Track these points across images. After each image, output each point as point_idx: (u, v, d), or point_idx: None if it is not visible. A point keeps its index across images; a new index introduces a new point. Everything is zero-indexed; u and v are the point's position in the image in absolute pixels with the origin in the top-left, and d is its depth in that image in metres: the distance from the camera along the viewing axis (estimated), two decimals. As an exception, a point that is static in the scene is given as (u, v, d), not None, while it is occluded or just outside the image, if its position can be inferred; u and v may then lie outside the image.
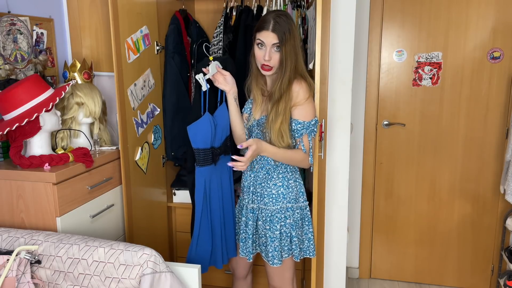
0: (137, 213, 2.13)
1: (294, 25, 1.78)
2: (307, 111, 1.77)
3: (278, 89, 1.77)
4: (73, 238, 1.56)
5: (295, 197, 1.86)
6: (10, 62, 1.96)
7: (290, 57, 1.74)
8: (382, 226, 3.01)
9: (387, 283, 3.05)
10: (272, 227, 1.83)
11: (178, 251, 2.61)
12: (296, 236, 1.84)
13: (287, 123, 1.76)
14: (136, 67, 2.05)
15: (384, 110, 2.88)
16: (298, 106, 1.76)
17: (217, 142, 1.92)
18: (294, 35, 1.74)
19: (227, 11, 2.34)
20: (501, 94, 2.68)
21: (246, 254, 1.92)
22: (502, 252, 2.70)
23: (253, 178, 1.90)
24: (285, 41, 1.72)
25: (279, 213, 1.83)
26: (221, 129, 1.93)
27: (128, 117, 2.00)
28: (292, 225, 1.84)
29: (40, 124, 1.78)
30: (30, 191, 1.75)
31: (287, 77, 1.75)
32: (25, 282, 1.45)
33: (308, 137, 1.79)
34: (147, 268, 1.43)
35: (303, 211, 1.88)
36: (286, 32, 1.72)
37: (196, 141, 1.87)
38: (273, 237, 1.82)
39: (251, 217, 1.89)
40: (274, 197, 1.84)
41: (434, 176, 2.86)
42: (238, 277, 2.12)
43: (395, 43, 2.80)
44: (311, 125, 1.78)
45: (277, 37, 1.72)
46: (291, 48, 1.74)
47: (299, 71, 1.78)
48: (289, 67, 1.75)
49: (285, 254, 1.86)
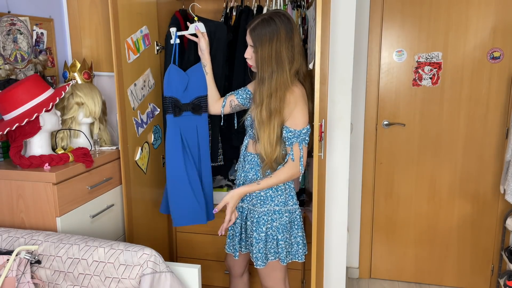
0: (137, 213, 2.13)
1: (288, 29, 1.71)
2: (298, 119, 1.74)
3: (259, 94, 1.74)
4: (73, 238, 1.56)
5: (284, 200, 1.84)
6: (10, 62, 1.96)
7: (268, 62, 1.70)
8: (382, 226, 3.01)
9: (387, 283, 3.05)
10: (258, 229, 1.82)
11: (178, 251, 2.61)
12: (282, 240, 1.82)
13: (275, 133, 1.73)
14: (136, 67, 2.05)
15: (384, 110, 2.88)
16: (290, 116, 1.74)
17: (186, 97, 2.01)
18: (280, 40, 1.69)
19: (227, 11, 2.34)
20: (501, 94, 2.68)
21: (232, 251, 1.96)
22: (502, 252, 2.70)
23: (243, 177, 1.91)
24: (260, 45, 1.70)
25: (266, 215, 1.82)
26: (193, 86, 2.01)
27: (128, 117, 2.00)
28: (279, 228, 1.82)
29: (40, 124, 1.78)
30: (30, 191, 1.75)
31: (267, 85, 1.71)
32: (25, 282, 1.45)
33: (299, 146, 1.75)
34: (147, 268, 1.43)
35: (292, 215, 1.86)
36: (265, 37, 1.69)
37: (163, 90, 2.05)
38: (258, 239, 1.82)
39: (240, 216, 1.91)
40: (262, 199, 1.83)
41: (434, 176, 2.86)
42: (235, 276, 2.13)
43: (395, 43, 2.80)
44: (302, 133, 1.74)
45: (251, 38, 1.73)
46: (270, 54, 1.69)
47: (286, 81, 1.71)
48: (266, 72, 1.71)
49: (271, 257, 1.85)
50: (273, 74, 1.71)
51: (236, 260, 2.06)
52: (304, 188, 2.43)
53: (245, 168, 1.90)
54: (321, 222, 2.05)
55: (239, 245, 1.93)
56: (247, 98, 1.97)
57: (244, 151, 1.93)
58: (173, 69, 2.00)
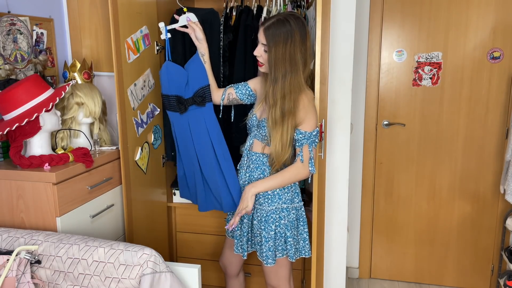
0: (137, 213, 2.13)
1: (301, 32, 1.72)
2: (309, 122, 1.76)
3: (272, 94, 1.74)
4: (73, 238, 1.56)
5: (291, 198, 1.86)
6: (10, 62, 1.96)
7: (281, 63, 1.71)
8: (382, 226, 3.01)
9: (387, 283, 3.05)
10: (267, 227, 1.83)
11: (178, 251, 2.61)
12: (291, 237, 1.84)
13: (288, 135, 1.74)
14: (136, 67, 2.05)
15: (384, 110, 2.88)
16: (303, 119, 1.75)
17: (188, 92, 1.97)
18: (294, 42, 1.70)
19: (227, 11, 2.34)
20: (501, 94, 2.68)
21: (241, 251, 1.95)
22: (502, 252, 2.70)
23: (248, 177, 1.91)
24: (274, 45, 1.70)
25: (274, 213, 1.83)
26: (193, 79, 1.96)
27: (128, 117, 2.00)
28: (287, 225, 1.84)
29: (40, 124, 1.78)
30: (30, 191, 1.75)
31: (281, 86, 1.72)
32: (25, 282, 1.45)
33: (309, 147, 1.77)
34: (147, 268, 1.43)
35: (298, 212, 1.88)
36: (279, 37, 1.69)
37: (162, 87, 2.03)
38: (267, 237, 1.83)
39: (246, 216, 1.91)
40: (269, 197, 1.84)
41: (434, 176, 2.86)
42: (230, 275, 2.13)
43: (395, 43, 2.80)
44: (313, 135, 1.77)
45: (265, 37, 1.72)
46: (284, 55, 1.70)
47: (299, 83, 1.73)
48: (280, 73, 1.71)
49: (279, 254, 1.86)
50: (286, 75, 1.72)
51: (233, 260, 2.06)
52: (304, 188, 2.43)
53: (250, 168, 1.90)
54: (321, 222, 2.05)
55: (247, 244, 1.94)
56: (246, 94, 1.97)
57: (248, 151, 1.92)
58: (170, 66, 1.96)
